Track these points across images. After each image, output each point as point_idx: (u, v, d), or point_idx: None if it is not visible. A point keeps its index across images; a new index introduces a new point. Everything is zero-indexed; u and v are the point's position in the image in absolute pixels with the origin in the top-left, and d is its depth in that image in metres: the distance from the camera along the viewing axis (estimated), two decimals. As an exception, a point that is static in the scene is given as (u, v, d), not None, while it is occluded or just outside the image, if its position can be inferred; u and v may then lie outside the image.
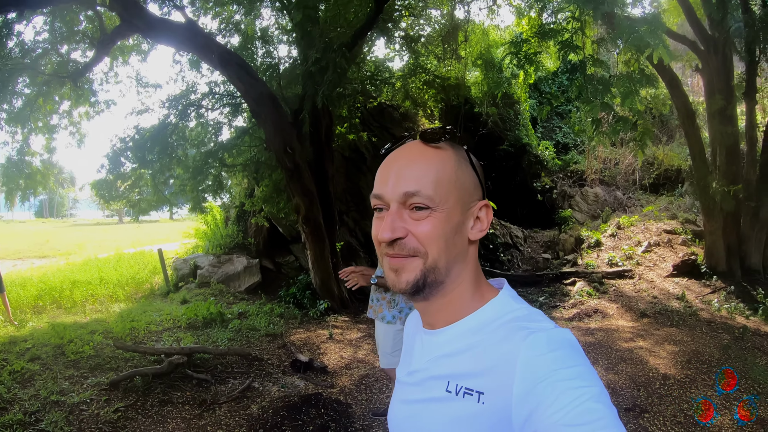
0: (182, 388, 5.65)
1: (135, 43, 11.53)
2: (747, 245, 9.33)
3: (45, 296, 10.48)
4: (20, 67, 10.19)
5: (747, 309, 8.14)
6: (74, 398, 5.29)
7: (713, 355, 6.31)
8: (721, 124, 8.92)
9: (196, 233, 13.17)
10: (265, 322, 8.37)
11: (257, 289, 10.59)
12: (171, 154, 9.89)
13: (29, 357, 6.52)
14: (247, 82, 8.90)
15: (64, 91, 11.22)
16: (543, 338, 0.85)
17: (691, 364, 6.02)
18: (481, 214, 0.96)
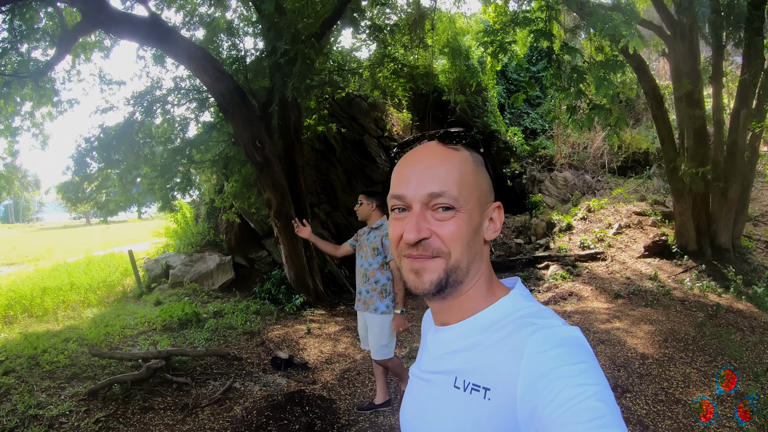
0: (162, 393, 5.58)
1: (97, 40, 11.23)
2: (716, 224, 9.56)
3: (15, 305, 10.18)
4: (-21, 69, 9.90)
5: (719, 287, 8.34)
6: (53, 411, 5.18)
7: (689, 333, 6.45)
8: (689, 107, 9.08)
9: (166, 232, 12.99)
10: (242, 320, 8.32)
11: (231, 287, 10.51)
12: (138, 153, 9.67)
13: (3, 370, 6.34)
14: (213, 76, 8.77)
15: (25, 92, 10.88)
16: (549, 334, 0.86)
17: (668, 343, 6.15)
18: (494, 215, 0.99)
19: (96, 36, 10.98)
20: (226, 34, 10.08)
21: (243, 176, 9.64)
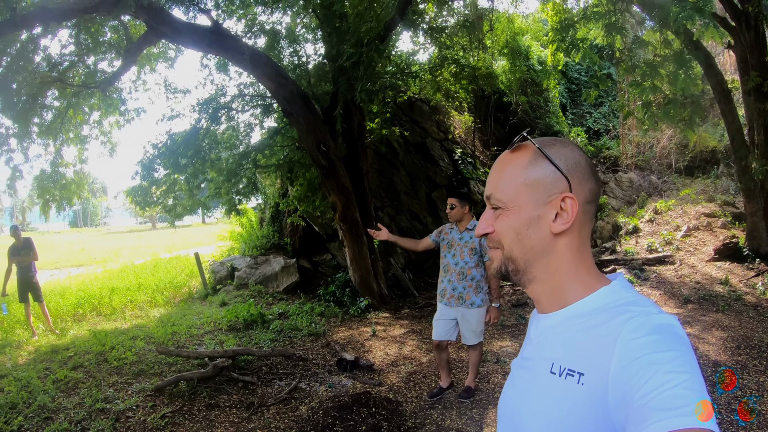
0: (228, 391, 5.65)
1: (162, 51, 11.60)
2: (791, 225, 9.04)
3: (84, 304, 10.59)
4: (49, 81, 10.34)
5: (794, 292, 7.91)
6: (120, 405, 5.31)
7: (763, 340, 6.15)
8: (758, 101, 8.63)
9: (231, 236, 13.25)
10: (307, 322, 8.36)
11: (296, 289, 10.60)
12: (204, 158, 9.89)
13: (72, 365, 6.61)
14: (277, 82, 8.88)
15: (93, 102, 11.35)
16: (643, 322, 0.86)
17: (741, 350, 5.88)
18: (564, 205, 0.98)
19: (160, 47, 11.34)
20: (287, 41, 10.17)
21: (308, 180, 9.71)
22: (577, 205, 0.97)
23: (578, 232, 1.00)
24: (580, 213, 0.99)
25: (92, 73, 11.01)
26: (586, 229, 1.02)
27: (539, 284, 1.03)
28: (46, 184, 11.47)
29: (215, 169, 9.98)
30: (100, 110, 11.64)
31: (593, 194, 1.01)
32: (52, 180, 11.49)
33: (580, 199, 0.98)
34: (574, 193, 0.98)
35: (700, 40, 8.32)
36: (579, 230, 1.00)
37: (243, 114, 10.61)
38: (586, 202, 1.00)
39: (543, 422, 0.95)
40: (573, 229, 0.99)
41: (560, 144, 1.03)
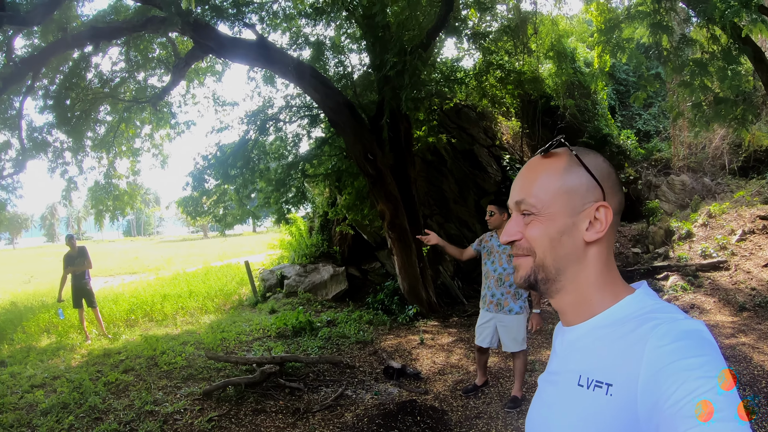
0: (275, 397, 5.71)
1: (209, 65, 11.91)
2: None
3: (137, 310, 10.90)
4: (101, 97, 10.77)
5: None
6: (168, 408, 5.45)
7: None
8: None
9: (281, 244, 13.43)
10: (355, 330, 8.39)
11: (344, 297, 10.67)
12: (253, 169, 10.09)
13: (123, 368, 6.81)
14: (322, 92, 8.97)
15: (144, 116, 11.75)
16: (670, 328, 0.85)
17: None
18: (599, 215, 0.97)
19: (208, 61, 11.62)
20: (332, 52, 10.27)
21: (356, 189, 9.77)
22: (611, 214, 0.97)
23: (606, 242, 1.00)
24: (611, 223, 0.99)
25: (143, 88, 11.40)
26: (612, 240, 1.02)
27: (565, 294, 1.02)
28: (100, 195, 11.92)
29: (264, 179, 10.16)
30: (151, 124, 12.05)
31: (621, 205, 1.01)
32: (105, 191, 11.93)
33: (613, 209, 0.98)
34: (608, 202, 0.98)
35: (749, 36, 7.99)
36: (607, 240, 1.00)
37: (290, 125, 10.76)
38: (616, 212, 0.99)
39: None
40: (602, 239, 0.98)
41: (593, 154, 1.03)
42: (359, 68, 10.56)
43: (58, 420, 5.23)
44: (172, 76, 10.33)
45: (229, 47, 8.99)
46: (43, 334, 9.73)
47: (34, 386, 6.36)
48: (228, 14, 9.00)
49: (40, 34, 9.84)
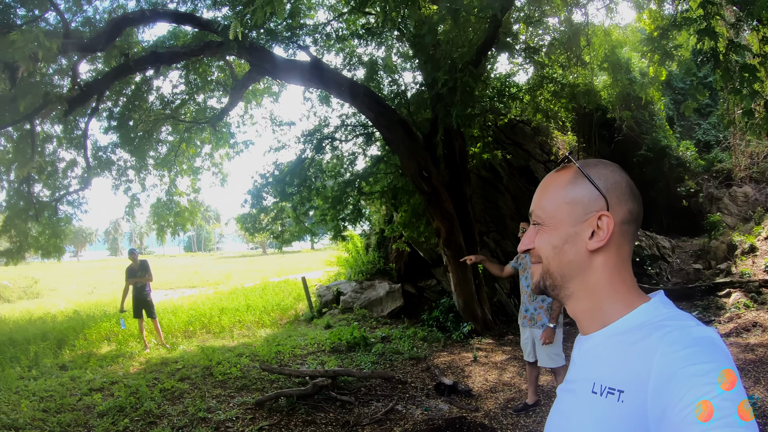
0: (326, 409, 5.80)
1: (266, 86, 12.23)
2: None
3: (195, 322, 11.20)
4: (162, 118, 11.18)
5: None
6: (221, 416, 5.61)
7: None
8: None
9: (338, 261, 13.60)
10: (409, 346, 8.42)
11: (400, 314, 10.73)
12: (310, 186, 10.32)
13: (179, 377, 7.07)
14: (376, 111, 9.08)
15: (204, 136, 12.14)
16: (681, 335, 0.87)
17: None
18: (600, 223, 1.00)
19: (265, 83, 11.93)
20: (385, 71, 10.40)
21: (412, 206, 9.84)
22: (612, 223, 0.99)
23: (616, 251, 1.01)
24: (617, 232, 1.00)
25: (202, 109, 11.80)
26: (626, 249, 1.03)
27: (577, 302, 1.05)
28: (161, 212, 12.35)
29: (321, 197, 10.37)
30: (211, 143, 12.45)
31: (632, 215, 1.02)
32: (167, 208, 12.35)
33: (617, 218, 1.00)
34: (611, 212, 1.00)
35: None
36: (617, 249, 1.01)
37: (346, 143, 10.97)
38: (624, 222, 1.01)
39: None
40: (610, 248, 1.00)
41: (602, 165, 1.06)
42: (413, 86, 10.66)
43: (114, 422, 5.49)
44: (231, 98, 10.64)
45: (285, 69, 9.22)
46: (104, 341, 10.16)
47: (92, 389, 6.71)
48: (282, 37, 9.24)
49: (103, 59, 10.26)
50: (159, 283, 20.15)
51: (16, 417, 5.65)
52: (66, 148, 11.46)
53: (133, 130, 11.03)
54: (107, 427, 5.37)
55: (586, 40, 12.19)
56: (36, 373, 7.83)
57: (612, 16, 12.58)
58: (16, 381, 7.28)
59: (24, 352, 8.95)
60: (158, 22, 9.58)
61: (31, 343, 9.49)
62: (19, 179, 9.76)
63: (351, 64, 10.57)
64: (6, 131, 9.83)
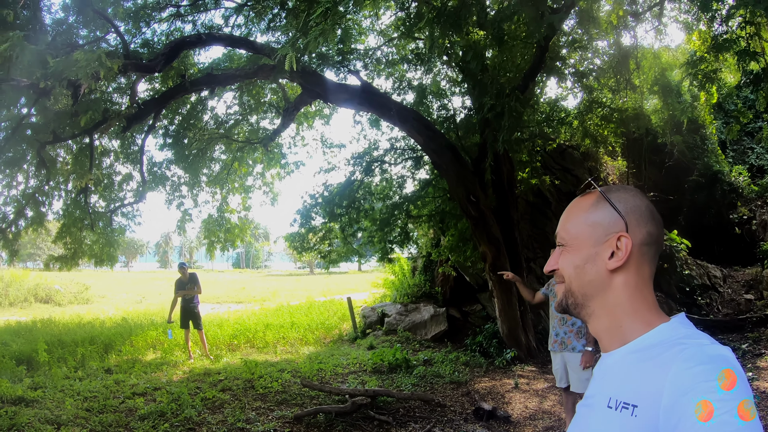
0: (363, 427, 5.89)
1: (318, 109, 12.49)
2: None
3: (239, 336, 11.47)
4: (216, 137, 11.51)
5: None
6: (259, 427, 5.77)
7: None
8: None
9: (384, 283, 13.70)
10: (450, 370, 8.43)
11: (443, 338, 10.70)
12: (358, 208, 10.51)
13: (221, 387, 7.31)
14: (425, 135, 9.19)
15: (256, 156, 12.46)
16: (695, 352, 0.89)
17: None
18: (620, 244, 1.04)
19: (316, 105, 12.17)
20: (434, 96, 10.52)
21: (459, 230, 9.88)
22: (631, 243, 1.03)
23: (636, 271, 1.05)
24: (637, 253, 1.04)
25: (255, 130, 12.14)
26: (646, 269, 1.06)
27: (598, 320, 1.09)
28: (212, 228, 12.68)
29: (369, 219, 10.52)
30: (262, 163, 12.77)
31: (652, 237, 1.06)
32: (217, 224, 12.69)
33: (636, 240, 1.04)
34: (630, 233, 1.04)
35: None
36: (637, 269, 1.05)
37: (395, 166, 11.12)
38: (644, 243, 1.05)
39: None
40: (629, 268, 1.05)
41: (623, 190, 1.11)
42: (461, 110, 10.74)
43: (154, 426, 5.73)
44: (283, 119, 10.90)
45: (335, 92, 9.42)
46: (150, 349, 10.53)
47: (135, 394, 7.05)
48: (333, 61, 9.47)
49: (161, 79, 10.58)
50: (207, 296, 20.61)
51: (60, 413, 6.00)
52: (123, 162, 11.89)
53: (187, 148, 11.41)
54: (147, 430, 5.63)
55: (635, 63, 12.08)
56: (82, 374, 8.25)
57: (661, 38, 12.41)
58: (62, 380, 7.69)
59: (71, 354, 9.42)
60: (214, 45, 9.85)
61: (79, 345, 9.95)
62: (77, 189, 10.14)
63: (401, 88, 10.73)
64: (66, 144, 10.29)
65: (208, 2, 9.85)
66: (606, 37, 11.88)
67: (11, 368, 8.29)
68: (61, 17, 8.75)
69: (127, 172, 11.92)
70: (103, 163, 11.38)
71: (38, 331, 11.83)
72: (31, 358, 8.99)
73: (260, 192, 13.38)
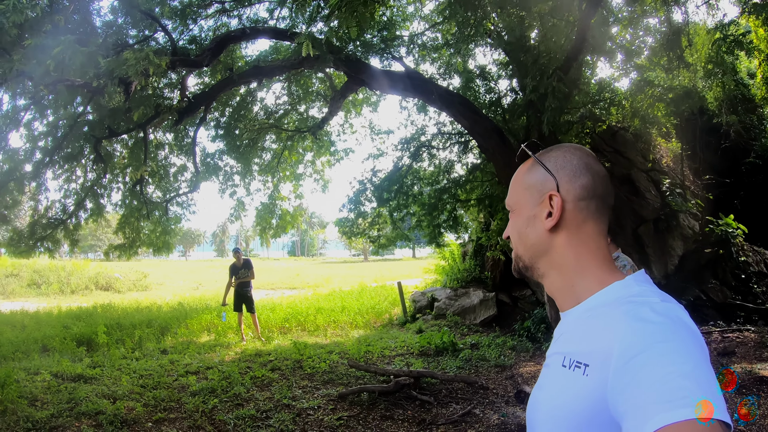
0: (405, 407, 6.04)
1: (365, 97, 12.66)
2: None
3: (291, 319, 11.85)
4: (266, 127, 11.81)
5: None
6: (304, 404, 6.05)
7: None
8: None
9: (435, 269, 13.83)
10: (496, 354, 8.52)
11: (492, 322, 10.78)
12: (406, 193, 10.63)
13: (270, 367, 7.66)
14: (471, 119, 9.19)
15: (306, 144, 12.75)
16: (644, 311, 0.87)
17: None
18: (553, 203, 1.04)
19: (363, 93, 12.34)
20: (480, 79, 10.51)
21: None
22: (561, 201, 1.03)
23: (577, 228, 1.04)
24: (573, 209, 1.04)
25: (304, 119, 12.42)
26: (590, 225, 1.05)
27: (549, 281, 1.09)
28: (265, 215, 13.04)
29: (417, 203, 10.63)
30: (312, 151, 13.05)
31: (588, 190, 1.04)
32: (270, 211, 13.04)
33: (570, 196, 1.04)
34: (562, 190, 1.04)
35: None
36: (578, 226, 1.04)
37: (443, 151, 11.19)
38: (579, 198, 1.04)
39: (547, 413, 1.00)
40: (569, 226, 1.04)
41: (557, 149, 1.11)
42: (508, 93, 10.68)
43: (204, 401, 6.09)
44: (330, 108, 11.11)
45: (380, 79, 9.50)
46: (204, 332, 11.03)
47: (188, 372, 7.44)
48: (378, 49, 9.62)
49: (209, 74, 10.96)
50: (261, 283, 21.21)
51: (116, 389, 6.45)
52: (176, 154, 12.39)
53: (238, 138, 11.78)
54: (198, 404, 5.96)
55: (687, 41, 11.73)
56: (138, 355, 8.76)
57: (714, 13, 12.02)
58: (119, 360, 8.21)
59: (129, 336, 9.98)
60: (259, 38, 10.08)
61: (136, 328, 10.54)
62: (133, 181, 10.54)
63: (446, 73, 10.75)
64: (122, 138, 10.75)
65: (252, -5, 10.13)
66: (657, 14, 11.58)
67: (72, 349, 8.93)
68: (111, 19, 9.12)
69: (182, 164, 12.40)
70: (158, 156, 11.89)
71: (98, 315, 12.49)
72: (90, 340, 9.60)
73: (311, 179, 13.75)
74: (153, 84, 9.87)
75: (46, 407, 5.77)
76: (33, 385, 6.52)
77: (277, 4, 9.71)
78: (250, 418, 5.61)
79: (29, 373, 7.16)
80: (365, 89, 11.54)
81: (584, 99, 10.27)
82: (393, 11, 10.23)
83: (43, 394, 6.18)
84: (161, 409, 5.87)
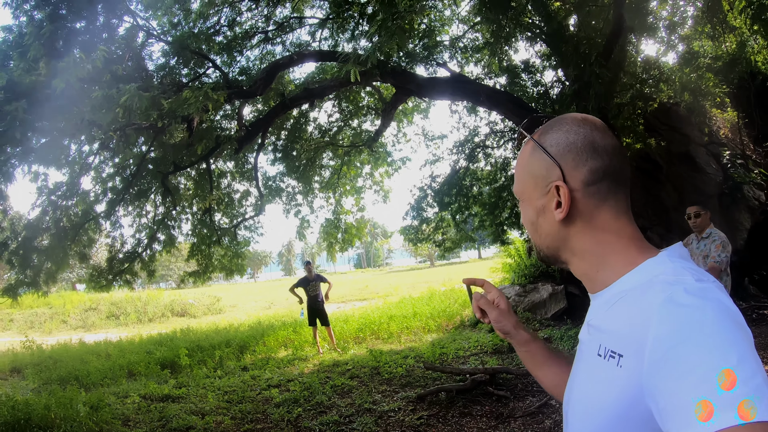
0: (482, 403, 6.20)
1: (415, 105, 12.95)
2: None
3: (365, 329, 12.13)
4: (322, 145, 12.26)
5: None
6: (384, 407, 6.29)
7: None
8: None
9: (503, 267, 13.84)
10: (569, 346, 8.55)
11: (563, 315, 10.71)
12: (466, 195, 10.85)
13: (349, 375, 7.97)
14: (519, 114, 9.30)
15: (363, 157, 13.11)
16: (677, 293, 0.80)
17: None
18: (560, 193, 0.96)
19: (413, 102, 12.63)
20: (525, 73, 10.58)
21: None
22: (568, 191, 0.95)
23: (591, 214, 0.96)
24: (583, 196, 0.96)
25: (358, 133, 12.80)
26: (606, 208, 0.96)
27: (575, 266, 1.02)
28: (330, 230, 13.46)
29: (478, 204, 10.83)
30: (370, 164, 13.41)
31: (597, 174, 0.95)
32: (334, 226, 13.46)
33: (577, 184, 0.96)
34: (569, 178, 0.96)
35: None
36: (591, 212, 0.96)
37: (497, 149, 11.37)
38: (589, 183, 0.95)
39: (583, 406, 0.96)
40: (582, 214, 0.97)
41: (557, 127, 1.00)
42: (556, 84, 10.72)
43: (289, 411, 6.45)
44: (382, 120, 11.39)
45: (427, 87, 9.73)
46: (281, 347, 11.44)
47: (270, 386, 7.85)
48: (421, 57, 9.83)
49: (263, 101, 11.42)
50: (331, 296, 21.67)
51: (203, 406, 6.91)
52: (239, 180, 12.85)
53: (297, 159, 12.23)
54: (283, 414, 6.32)
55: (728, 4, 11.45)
56: (220, 373, 9.23)
57: (752, -30, 11.68)
58: (203, 379, 8.72)
59: (210, 356, 10.48)
60: (305, 62, 10.43)
61: (216, 348, 11.03)
62: (201, 210, 11.06)
63: (491, 72, 10.86)
64: (185, 171, 11.28)
65: (293, 23, 10.52)
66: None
67: (156, 372, 9.59)
68: (162, 62, 9.68)
69: (245, 189, 12.89)
70: (221, 184, 12.38)
71: (178, 339, 13.11)
72: (173, 363, 10.18)
73: (371, 191, 14.11)
74: (211, 117, 10.39)
75: (139, 426, 6.28)
76: (124, 407, 7.06)
77: (317, 26, 10.10)
78: (334, 423, 5.90)
79: (119, 396, 7.74)
80: (414, 98, 11.81)
81: (632, 80, 10.20)
82: (431, 18, 10.45)
83: (135, 415, 6.72)
84: (248, 421, 6.26)
